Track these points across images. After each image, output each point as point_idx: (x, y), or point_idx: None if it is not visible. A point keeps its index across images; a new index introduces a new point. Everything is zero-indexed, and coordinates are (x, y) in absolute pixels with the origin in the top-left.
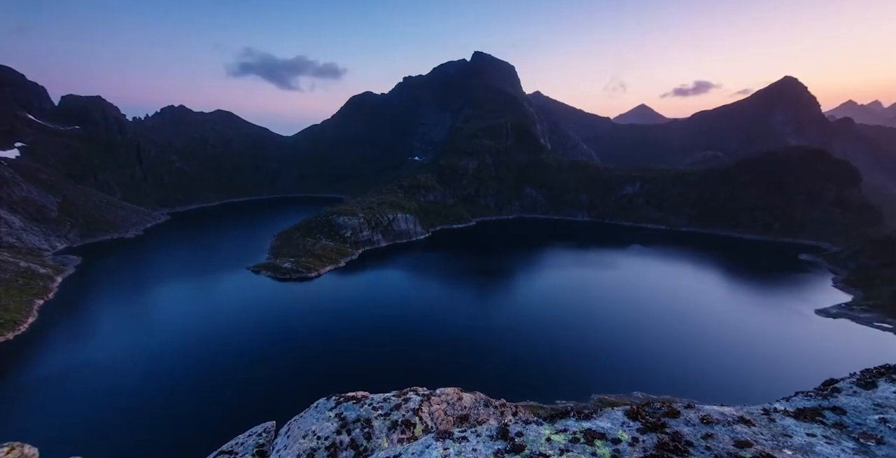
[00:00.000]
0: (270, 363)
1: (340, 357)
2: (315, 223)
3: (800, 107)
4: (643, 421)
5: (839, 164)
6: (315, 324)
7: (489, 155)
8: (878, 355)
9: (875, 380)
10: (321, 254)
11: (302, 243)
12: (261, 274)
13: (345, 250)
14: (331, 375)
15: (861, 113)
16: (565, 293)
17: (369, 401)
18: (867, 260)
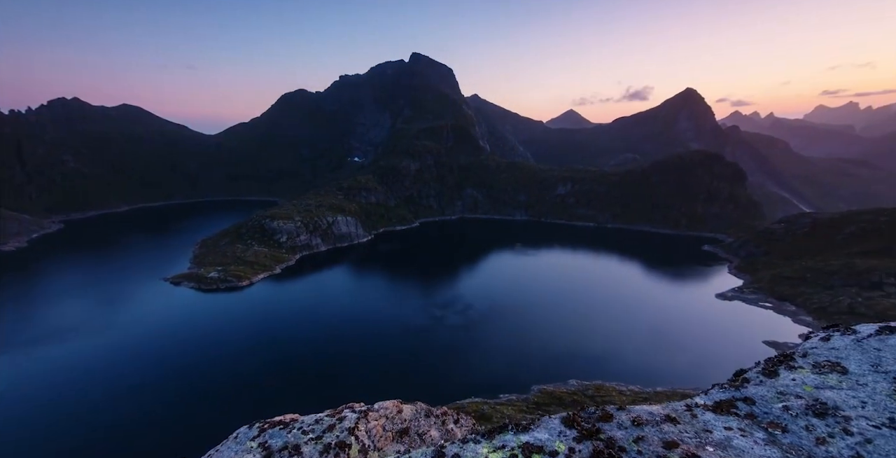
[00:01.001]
0: (189, 387)
1: (272, 375)
2: (246, 228)
3: (698, 116)
4: (579, 428)
5: (730, 166)
6: (245, 338)
7: (430, 156)
8: (761, 330)
9: (777, 368)
10: (253, 261)
11: (230, 250)
12: (181, 286)
13: (280, 255)
14: (260, 396)
15: (744, 122)
16: (504, 291)
17: (299, 425)
18: (753, 249)
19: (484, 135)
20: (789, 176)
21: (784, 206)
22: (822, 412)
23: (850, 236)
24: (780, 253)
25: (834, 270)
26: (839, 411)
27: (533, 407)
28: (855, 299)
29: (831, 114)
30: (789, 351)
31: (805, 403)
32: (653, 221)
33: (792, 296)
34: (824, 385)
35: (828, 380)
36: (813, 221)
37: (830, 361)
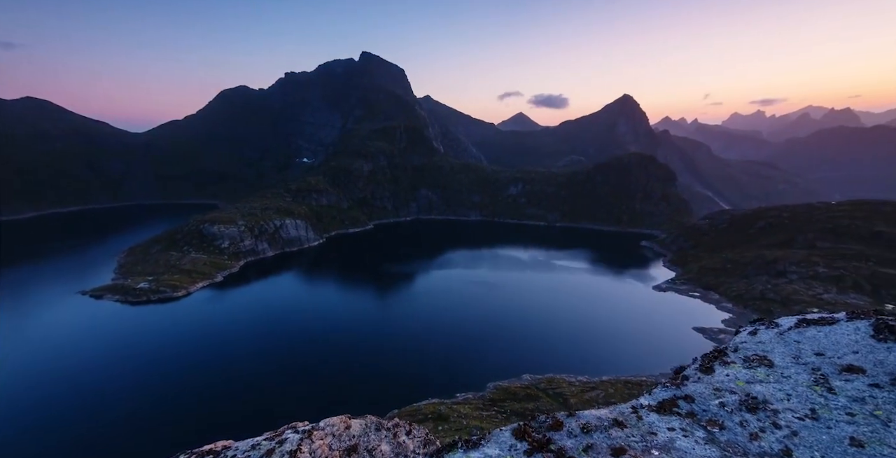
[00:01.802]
0: (107, 414)
1: (208, 395)
2: (181, 234)
3: (635, 121)
4: (530, 440)
5: (662, 167)
6: (179, 354)
7: (384, 157)
8: (691, 317)
9: (712, 364)
10: (190, 269)
11: (163, 258)
12: (104, 299)
13: (222, 262)
14: (193, 422)
15: (673, 127)
16: (458, 291)
17: (232, 452)
18: (683, 244)
19: (437, 136)
20: (711, 176)
21: (708, 203)
22: (754, 407)
23: (761, 230)
24: (706, 247)
25: (748, 261)
26: (768, 405)
27: (489, 404)
28: (766, 287)
29: (743, 120)
30: (722, 346)
31: (738, 398)
32: (597, 220)
33: (715, 285)
34: (754, 379)
35: (757, 374)
36: (731, 218)
37: (758, 355)
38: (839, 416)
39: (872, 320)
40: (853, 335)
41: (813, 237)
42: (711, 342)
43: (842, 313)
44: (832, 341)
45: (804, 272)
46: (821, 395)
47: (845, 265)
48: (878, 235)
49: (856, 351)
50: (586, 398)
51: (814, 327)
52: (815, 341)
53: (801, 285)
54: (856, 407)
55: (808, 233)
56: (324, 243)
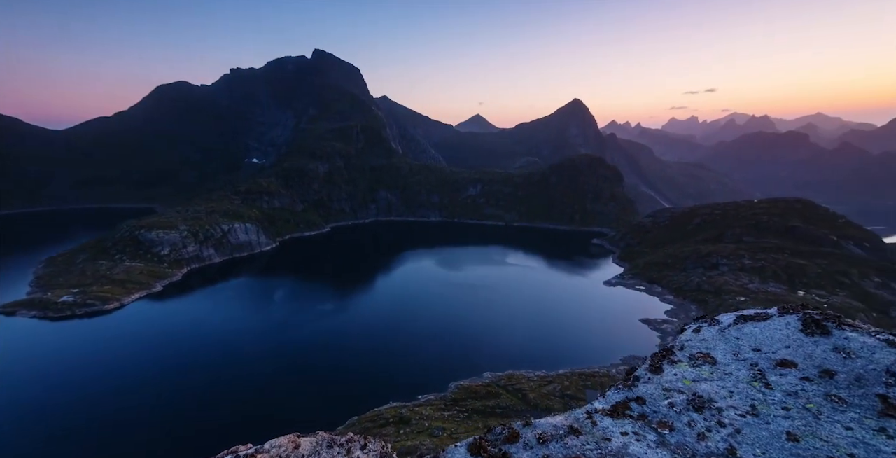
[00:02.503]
0: (31, 439)
1: (146, 415)
2: (113, 241)
3: (585, 124)
4: (486, 455)
5: (611, 168)
6: (110, 370)
7: (340, 158)
8: (637, 310)
9: (661, 364)
10: (124, 279)
11: (91, 268)
12: (17, 315)
13: (161, 271)
14: (130, 445)
15: (619, 130)
16: (418, 292)
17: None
18: (630, 240)
19: (395, 137)
20: (653, 177)
21: (651, 203)
22: (700, 406)
23: (696, 226)
24: (650, 243)
25: (686, 255)
26: (713, 403)
27: (450, 404)
28: (701, 279)
29: (680, 125)
30: (670, 345)
31: (686, 398)
32: (552, 219)
33: (658, 279)
34: (700, 378)
35: (702, 372)
36: (671, 216)
37: (703, 352)
38: (776, 411)
39: (800, 315)
40: (785, 330)
41: (739, 232)
42: (655, 332)
43: (774, 308)
44: (767, 337)
45: (733, 264)
46: (759, 391)
47: (766, 257)
48: (791, 229)
49: (788, 346)
50: (544, 393)
51: (750, 323)
52: (753, 337)
53: (730, 276)
54: (790, 401)
55: (736, 229)
56: (277, 248)
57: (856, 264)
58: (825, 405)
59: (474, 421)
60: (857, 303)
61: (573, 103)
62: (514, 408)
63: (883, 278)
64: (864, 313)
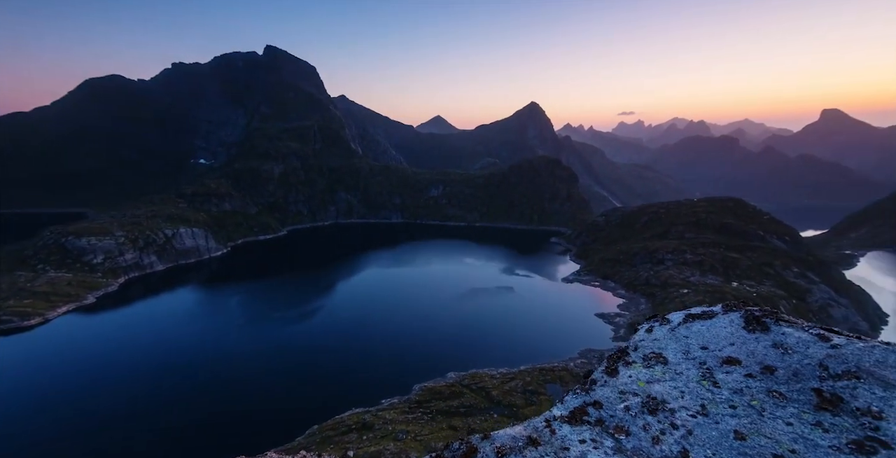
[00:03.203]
0: None
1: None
2: (34, 250)
3: (542, 126)
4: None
5: (566, 169)
6: (31, 394)
7: (297, 158)
8: (593, 304)
9: (616, 366)
10: (48, 291)
11: (7, 281)
12: None
13: (94, 281)
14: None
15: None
16: (380, 295)
17: None
18: (585, 238)
19: (355, 137)
20: (605, 178)
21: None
22: (654, 409)
23: (644, 224)
24: (603, 240)
25: (636, 251)
26: (666, 404)
27: (414, 406)
28: (649, 273)
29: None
30: (624, 345)
31: (640, 400)
32: (512, 219)
33: (612, 274)
34: (653, 379)
35: (655, 373)
36: (622, 214)
37: (655, 352)
38: (724, 410)
39: (742, 312)
40: (729, 328)
41: (682, 229)
42: (609, 326)
43: (719, 306)
44: (713, 335)
45: (677, 259)
46: (708, 389)
47: (705, 252)
48: (726, 225)
49: (732, 343)
50: (506, 389)
51: (698, 321)
52: (700, 335)
53: (674, 270)
54: (736, 399)
55: (679, 226)
56: (228, 253)
57: (779, 257)
58: (768, 401)
59: (438, 422)
60: (780, 291)
61: (530, 106)
62: (478, 406)
63: (801, 269)
64: (786, 301)
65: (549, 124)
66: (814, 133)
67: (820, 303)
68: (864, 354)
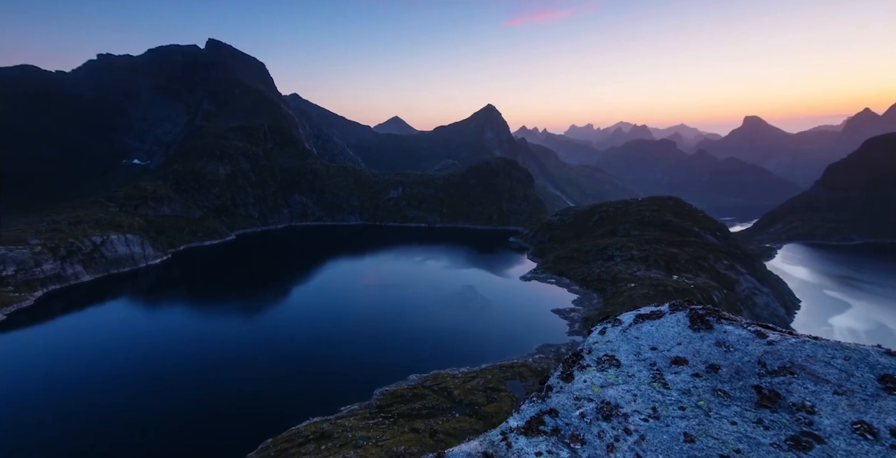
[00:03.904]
0: None
1: None
2: None
3: (499, 128)
4: None
5: (523, 170)
6: None
7: (246, 159)
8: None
9: (571, 370)
10: None
11: None
12: None
13: (4, 296)
14: None
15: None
16: (336, 299)
17: None
18: (541, 237)
19: (309, 137)
20: (559, 178)
21: (558, 202)
22: (609, 414)
23: (595, 223)
24: (558, 239)
25: (588, 249)
26: (619, 409)
27: (375, 411)
28: (601, 269)
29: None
30: (579, 348)
31: (595, 406)
32: (472, 219)
33: (566, 271)
34: (607, 383)
35: (608, 377)
36: (575, 214)
37: (608, 355)
38: (674, 412)
39: (688, 311)
40: (676, 327)
41: (629, 227)
42: (565, 321)
43: (666, 305)
44: (662, 335)
45: (625, 255)
46: (659, 391)
47: (649, 248)
48: (666, 223)
49: (679, 343)
50: (468, 388)
51: (647, 321)
52: (650, 335)
53: (623, 266)
54: (685, 400)
55: (626, 224)
56: (169, 260)
57: (711, 251)
58: (713, 400)
59: (400, 426)
60: (713, 283)
61: (487, 108)
62: (440, 407)
63: (730, 261)
64: (718, 291)
65: (506, 126)
66: (738, 138)
67: (746, 292)
68: (796, 349)
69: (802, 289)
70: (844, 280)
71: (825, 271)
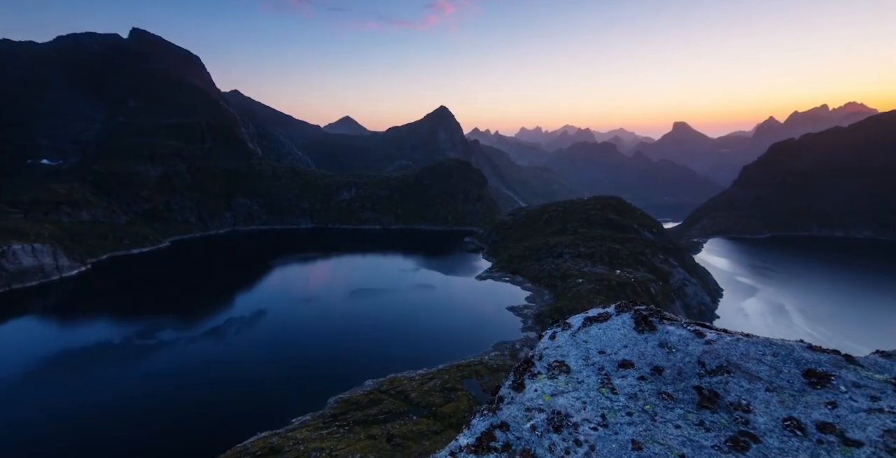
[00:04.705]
0: None
1: None
2: None
3: (452, 130)
4: None
5: (476, 171)
6: None
7: (181, 160)
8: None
9: (522, 379)
10: None
11: None
12: None
13: None
14: None
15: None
16: (288, 305)
17: None
18: (495, 237)
19: (254, 137)
20: (511, 179)
21: (510, 202)
22: (559, 425)
23: (545, 222)
24: (512, 238)
25: (539, 247)
26: (570, 418)
27: (329, 420)
28: (551, 267)
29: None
30: (530, 354)
31: (546, 416)
32: (427, 220)
33: (520, 269)
34: (557, 391)
35: (559, 384)
36: (526, 213)
37: (558, 361)
38: (622, 418)
39: (632, 313)
40: (622, 329)
41: (576, 225)
42: (518, 318)
43: (612, 306)
44: (609, 337)
45: (573, 252)
46: (607, 397)
47: (595, 245)
48: (610, 221)
49: (626, 345)
50: (425, 390)
51: (595, 324)
52: (598, 339)
53: (571, 262)
54: (632, 405)
55: (573, 222)
56: (88, 271)
57: (649, 246)
58: (659, 404)
59: (356, 433)
60: (651, 276)
61: (440, 110)
62: (397, 411)
63: (665, 255)
64: (655, 283)
65: (459, 128)
66: (669, 141)
67: (678, 283)
68: (731, 348)
69: (723, 278)
70: (755, 269)
71: (740, 261)
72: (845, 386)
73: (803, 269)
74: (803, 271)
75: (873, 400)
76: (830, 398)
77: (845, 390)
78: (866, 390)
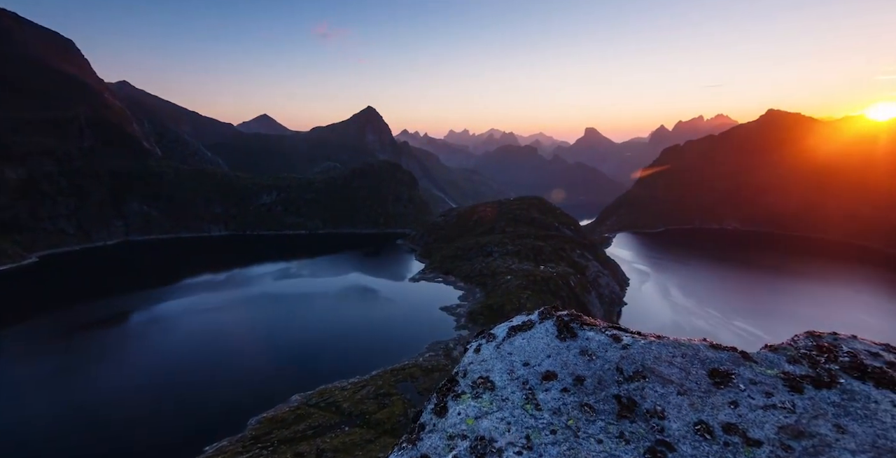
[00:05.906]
0: None
1: None
2: None
3: (380, 131)
4: None
5: (407, 173)
6: None
7: (51, 159)
8: (437, 299)
9: (445, 401)
10: None
11: None
12: None
13: None
14: None
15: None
16: (199, 324)
17: None
18: (427, 238)
19: (149, 135)
20: (441, 181)
21: (441, 203)
22: (482, 454)
23: (475, 222)
24: (444, 239)
25: (470, 247)
26: (494, 444)
27: (251, 443)
28: (481, 265)
29: (457, 136)
30: (454, 371)
31: (469, 444)
32: (357, 223)
33: (452, 269)
34: (481, 413)
35: (483, 404)
36: (457, 214)
37: (483, 377)
38: (546, 437)
39: (554, 319)
40: (545, 338)
41: (504, 225)
42: (452, 317)
43: (535, 313)
44: (533, 348)
45: (502, 251)
46: (531, 415)
47: (521, 243)
48: (533, 219)
49: (549, 355)
50: (358, 399)
51: (520, 334)
52: (522, 350)
53: (500, 260)
54: (556, 421)
55: (501, 222)
56: None
57: (568, 242)
58: (581, 418)
59: (281, 453)
60: (570, 270)
61: (368, 110)
62: (328, 424)
63: (581, 250)
64: (574, 276)
65: (388, 129)
66: (582, 145)
67: (594, 276)
68: (646, 351)
69: (628, 268)
70: (650, 258)
71: (640, 252)
72: (744, 384)
73: (685, 256)
74: (685, 257)
75: (768, 396)
76: (732, 398)
77: (744, 388)
78: (761, 386)
